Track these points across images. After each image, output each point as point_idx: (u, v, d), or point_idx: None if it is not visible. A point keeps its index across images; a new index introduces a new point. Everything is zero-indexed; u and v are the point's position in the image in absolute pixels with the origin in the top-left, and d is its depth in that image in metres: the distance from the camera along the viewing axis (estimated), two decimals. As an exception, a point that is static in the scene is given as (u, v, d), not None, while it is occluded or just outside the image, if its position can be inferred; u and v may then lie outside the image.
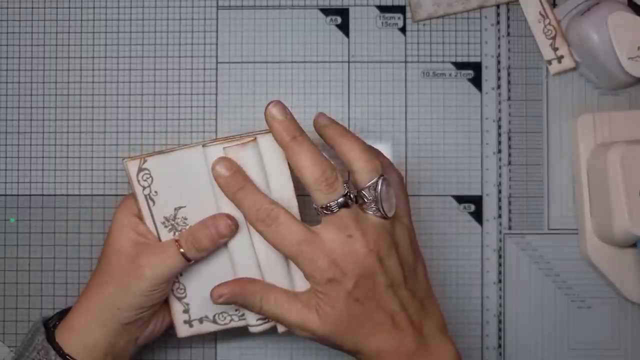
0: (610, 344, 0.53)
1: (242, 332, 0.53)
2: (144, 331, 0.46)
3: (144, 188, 0.44)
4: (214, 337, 0.53)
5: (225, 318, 0.47)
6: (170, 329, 0.47)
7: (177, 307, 0.46)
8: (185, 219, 0.45)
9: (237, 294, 0.42)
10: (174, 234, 0.45)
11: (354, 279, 0.40)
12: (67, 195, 0.53)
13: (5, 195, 0.53)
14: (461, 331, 0.53)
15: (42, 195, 0.53)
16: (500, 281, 0.53)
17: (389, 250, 0.41)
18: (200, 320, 0.47)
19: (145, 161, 0.44)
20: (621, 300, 0.53)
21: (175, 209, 0.45)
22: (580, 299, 0.53)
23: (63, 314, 0.45)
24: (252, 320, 0.46)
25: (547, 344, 0.53)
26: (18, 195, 0.53)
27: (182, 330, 0.47)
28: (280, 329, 0.45)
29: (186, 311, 0.46)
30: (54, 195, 0.53)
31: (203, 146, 0.43)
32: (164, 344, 0.53)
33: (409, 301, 0.42)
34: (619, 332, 0.53)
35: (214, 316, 0.47)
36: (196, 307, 0.46)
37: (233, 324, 0.47)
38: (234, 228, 0.43)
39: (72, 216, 0.53)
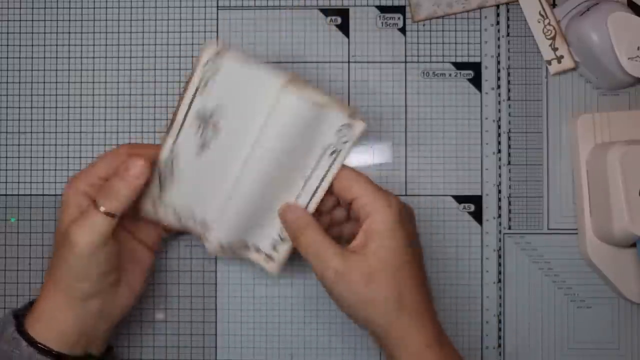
0: (610, 344, 0.53)
1: (242, 332, 0.53)
2: (111, 305, 0.45)
3: (205, 73, 0.43)
4: (214, 338, 0.53)
5: (187, 221, 0.47)
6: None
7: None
8: (217, 124, 0.44)
9: (293, 213, 0.45)
10: (197, 131, 0.45)
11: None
12: (68, 195, 0.53)
13: (6, 195, 0.53)
14: (461, 331, 0.53)
15: (43, 195, 0.53)
16: (499, 281, 0.53)
17: None
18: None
19: (221, 57, 0.43)
20: (621, 300, 0.53)
21: (215, 107, 0.44)
22: (580, 299, 0.53)
23: (32, 304, 0.45)
24: (219, 233, 0.46)
25: (546, 343, 0.53)
26: (18, 195, 0.53)
27: (145, 209, 0.47)
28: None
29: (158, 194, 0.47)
30: (55, 195, 0.53)
31: (281, 85, 0.43)
32: (164, 343, 0.53)
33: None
34: (619, 332, 0.53)
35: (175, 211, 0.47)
36: (165, 193, 0.47)
37: (193, 230, 0.48)
38: (148, 167, 0.43)
39: (73, 216, 0.53)
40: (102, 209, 0.42)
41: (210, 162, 0.45)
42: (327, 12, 0.54)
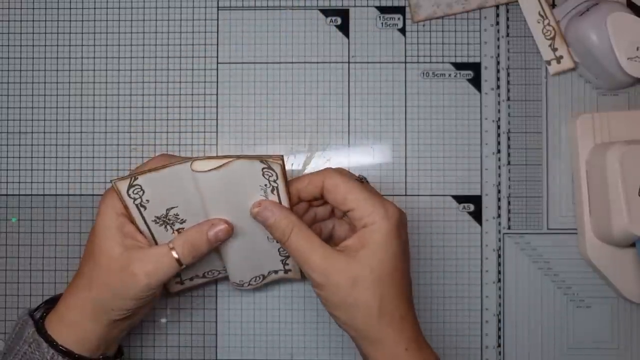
0: (609, 343, 0.53)
1: (242, 332, 0.53)
2: (134, 319, 0.46)
3: (135, 199, 0.44)
4: (214, 338, 0.53)
5: (213, 273, 0.50)
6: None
7: None
8: (177, 215, 0.45)
9: (274, 215, 0.43)
10: (166, 227, 0.45)
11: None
12: (68, 195, 0.53)
13: (7, 195, 0.53)
14: (461, 330, 0.53)
15: (44, 195, 0.53)
16: (499, 281, 0.53)
17: None
18: (191, 279, 0.50)
19: (135, 179, 0.43)
20: (620, 300, 0.53)
21: (167, 210, 0.44)
22: (579, 299, 0.53)
23: (49, 304, 0.45)
24: (235, 278, 0.49)
25: (546, 343, 0.53)
26: (19, 195, 0.53)
27: (175, 287, 0.50)
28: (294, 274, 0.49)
29: (178, 274, 0.48)
30: (55, 195, 0.53)
31: (191, 165, 0.43)
32: (164, 343, 0.53)
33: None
34: (619, 331, 0.53)
35: (204, 273, 0.50)
36: (187, 270, 0.48)
37: (220, 276, 0.50)
38: (231, 232, 0.44)
39: (74, 216, 0.53)
40: (175, 255, 0.43)
41: None
42: (327, 12, 0.54)
